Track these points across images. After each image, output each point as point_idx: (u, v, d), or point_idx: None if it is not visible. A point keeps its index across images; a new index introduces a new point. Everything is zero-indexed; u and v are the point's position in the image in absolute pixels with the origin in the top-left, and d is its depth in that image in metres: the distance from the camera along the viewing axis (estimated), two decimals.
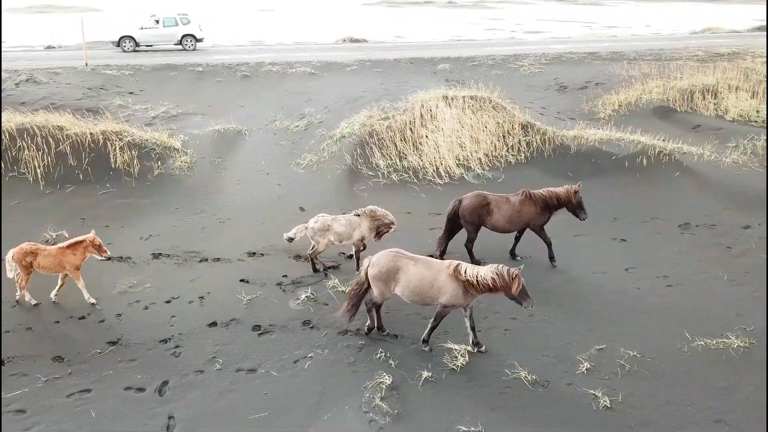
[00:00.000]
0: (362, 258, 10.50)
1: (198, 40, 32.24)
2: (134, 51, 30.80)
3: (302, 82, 23.76)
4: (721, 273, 11.32)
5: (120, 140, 16.49)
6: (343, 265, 11.84)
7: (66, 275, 10.38)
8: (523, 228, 11.76)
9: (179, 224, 13.68)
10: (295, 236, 11.41)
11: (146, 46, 31.58)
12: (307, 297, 10.53)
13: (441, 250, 11.85)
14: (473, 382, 8.43)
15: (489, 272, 8.43)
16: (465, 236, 11.72)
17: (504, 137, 17.10)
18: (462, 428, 7.55)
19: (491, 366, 8.74)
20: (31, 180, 15.49)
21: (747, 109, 20.29)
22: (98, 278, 10.98)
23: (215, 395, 8.29)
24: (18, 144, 15.92)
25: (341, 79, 23.98)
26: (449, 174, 16.11)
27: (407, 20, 73.98)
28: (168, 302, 10.51)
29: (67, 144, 16.10)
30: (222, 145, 18.01)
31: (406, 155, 16.60)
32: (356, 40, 39.52)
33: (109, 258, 11.02)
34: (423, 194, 15.31)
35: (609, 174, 15.76)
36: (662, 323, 9.78)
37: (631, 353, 8.95)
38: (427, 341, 9.11)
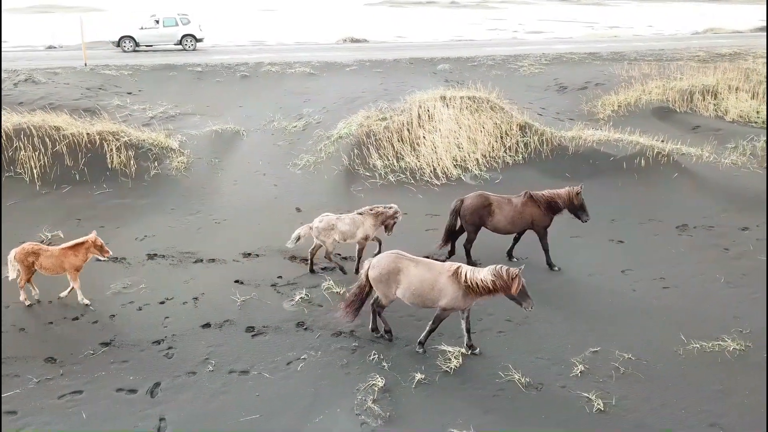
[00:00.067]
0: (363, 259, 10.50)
1: (198, 40, 32.24)
2: (134, 51, 30.81)
3: (301, 83, 23.72)
4: (719, 275, 11.27)
5: (117, 140, 16.47)
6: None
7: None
8: (524, 230, 11.72)
9: (175, 225, 13.65)
10: (301, 238, 11.36)
11: (146, 46, 31.59)
12: (302, 298, 10.50)
13: (449, 251, 11.86)
14: (466, 385, 8.38)
15: (489, 275, 8.35)
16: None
17: (502, 138, 17.04)
18: (454, 431, 7.50)
19: (485, 368, 8.69)
20: (28, 180, 15.47)
21: (747, 110, 20.21)
22: (92, 279, 10.93)
23: (207, 397, 8.25)
24: (15, 144, 15.91)
25: (340, 80, 23.94)
26: (446, 175, 16.06)
27: (409, 20, 73.98)
28: (162, 303, 10.48)
29: (64, 144, 16.08)
30: (219, 146, 17.98)
31: (404, 156, 16.54)
32: (357, 40, 39.47)
33: (113, 258, 11.01)
34: (420, 195, 15.26)
35: (607, 175, 15.70)
36: (658, 325, 9.73)
37: (626, 356, 8.90)
38: (423, 344, 9.06)
